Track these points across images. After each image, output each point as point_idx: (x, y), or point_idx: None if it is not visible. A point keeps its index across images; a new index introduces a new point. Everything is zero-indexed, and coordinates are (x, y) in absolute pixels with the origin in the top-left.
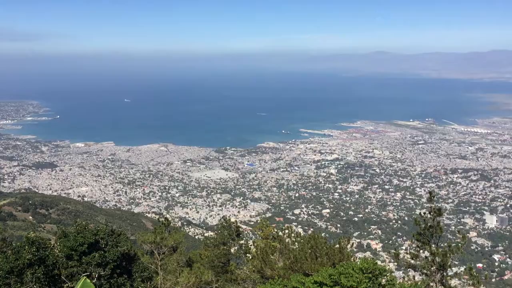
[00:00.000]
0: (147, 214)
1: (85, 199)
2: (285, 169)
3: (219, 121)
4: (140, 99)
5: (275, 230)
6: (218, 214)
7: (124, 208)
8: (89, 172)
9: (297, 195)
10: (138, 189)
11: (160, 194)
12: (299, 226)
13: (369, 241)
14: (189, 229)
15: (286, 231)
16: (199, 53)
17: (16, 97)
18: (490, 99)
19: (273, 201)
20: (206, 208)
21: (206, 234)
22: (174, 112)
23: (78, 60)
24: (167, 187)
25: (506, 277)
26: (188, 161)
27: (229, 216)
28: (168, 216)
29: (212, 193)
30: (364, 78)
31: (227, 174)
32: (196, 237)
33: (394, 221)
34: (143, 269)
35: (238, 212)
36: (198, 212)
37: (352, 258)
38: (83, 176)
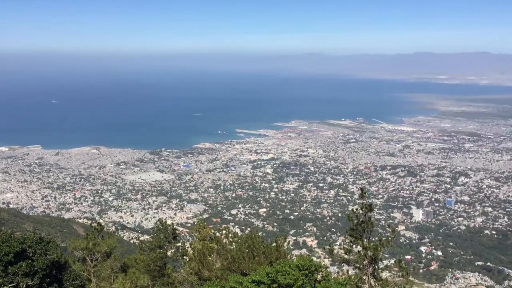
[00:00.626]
0: (78, 220)
1: (10, 206)
2: (221, 170)
3: (155, 122)
4: (70, 100)
5: (213, 231)
6: (154, 217)
7: (53, 214)
8: (14, 178)
9: (234, 195)
10: (68, 194)
11: (92, 198)
12: (236, 226)
13: (305, 238)
14: (124, 233)
15: (224, 231)
16: (135, 53)
17: None
18: (415, 99)
19: (210, 202)
20: (141, 211)
21: (141, 238)
22: (106, 113)
23: None
24: (99, 191)
25: (432, 268)
26: (121, 164)
27: (165, 219)
28: (101, 221)
29: (147, 196)
30: (297, 78)
31: (162, 176)
32: (131, 241)
33: (328, 218)
34: (75, 277)
35: (175, 214)
36: (133, 216)
37: (288, 256)
38: (8, 182)
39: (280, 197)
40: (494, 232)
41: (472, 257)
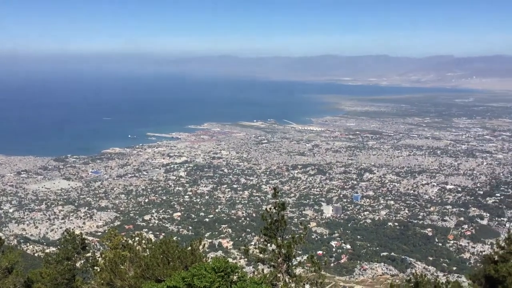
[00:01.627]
0: None
1: None
2: (133, 175)
3: (60, 127)
4: None
5: (125, 238)
6: (61, 228)
7: None
8: None
9: (146, 200)
10: None
11: None
12: (150, 232)
13: (220, 240)
14: (27, 246)
15: (136, 238)
16: (40, 54)
17: None
18: (323, 99)
19: (121, 208)
20: (46, 222)
21: (47, 251)
22: (3, 118)
23: None
24: None
25: (342, 261)
26: (23, 173)
27: (73, 229)
28: (0, 234)
29: (52, 206)
30: (211, 80)
31: (69, 184)
32: (36, 254)
33: (243, 218)
34: None
35: (84, 223)
36: (37, 228)
37: (204, 259)
38: None
39: (195, 200)
40: (396, 223)
41: (378, 248)
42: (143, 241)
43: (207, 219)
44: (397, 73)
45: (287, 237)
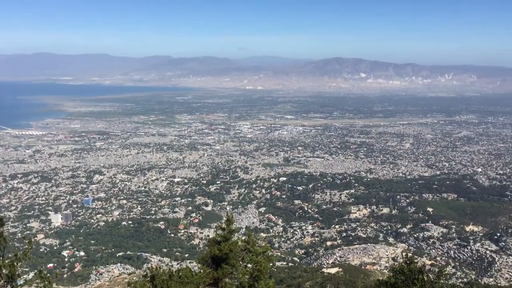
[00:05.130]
0: None
1: None
2: None
3: None
4: None
5: None
6: None
7: None
8: None
9: None
10: None
11: None
12: None
13: None
14: None
15: None
16: None
17: None
18: (41, 101)
19: None
20: None
21: None
22: None
23: None
24: None
25: (76, 270)
26: None
27: None
28: None
29: None
30: None
31: None
32: None
33: None
34: None
35: None
36: None
37: None
38: None
39: None
40: (130, 222)
41: (113, 250)
42: None
43: None
44: (119, 72)
45: (9, 255)
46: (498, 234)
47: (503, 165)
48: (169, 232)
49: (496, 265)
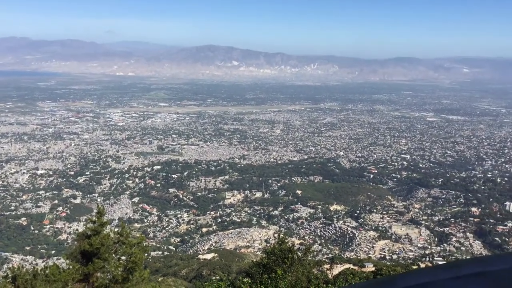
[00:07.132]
0: None
1: None
2: None
3: None
4: None
5: None
6: None
7: None
8: None
9: None
10: None
11: None
12: None
13: None
14: None
15: None
16: None
17: None
18: None
19: None
20: None
21: None
22: None
23: None
24: None
25: None
26: None
27: None
28: None
29: None
30: None
31: None
32: None
33: None
34: None
35: None
36: None
37: None
38: None
39: None
40: None
41: None
42: None
43: None
44: None
45: None
46: (358, 212)
47: (361, 148)
48: (33, 228)
49: (356, 240)
